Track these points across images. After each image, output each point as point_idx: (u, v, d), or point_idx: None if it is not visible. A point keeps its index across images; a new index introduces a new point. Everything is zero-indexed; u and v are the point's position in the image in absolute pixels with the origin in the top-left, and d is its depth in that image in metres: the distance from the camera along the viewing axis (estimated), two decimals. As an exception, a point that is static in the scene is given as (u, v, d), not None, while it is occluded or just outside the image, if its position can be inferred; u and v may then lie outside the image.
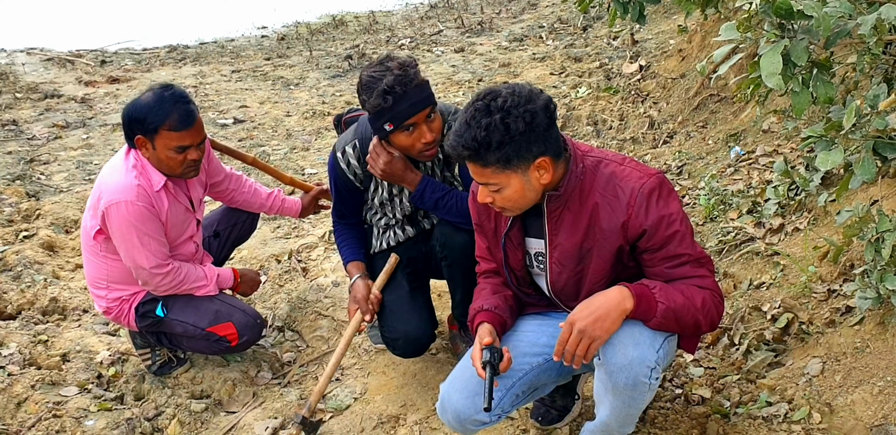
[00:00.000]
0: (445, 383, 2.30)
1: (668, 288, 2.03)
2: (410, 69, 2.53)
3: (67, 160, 5.90)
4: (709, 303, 2.05)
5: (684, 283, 2.06)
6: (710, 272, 2.11)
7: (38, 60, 9.18)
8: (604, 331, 1.98)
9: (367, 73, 2.57)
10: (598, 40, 7.63)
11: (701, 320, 2.04)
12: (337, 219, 3.08)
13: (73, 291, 3.90)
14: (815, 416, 2.38)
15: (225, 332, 3.01)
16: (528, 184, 2.03)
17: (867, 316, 2.54)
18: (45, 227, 4.58)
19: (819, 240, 2.95)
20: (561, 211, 2.12)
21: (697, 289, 2.05)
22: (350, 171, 2.85)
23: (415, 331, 2.86)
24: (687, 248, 2.06)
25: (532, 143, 1.97)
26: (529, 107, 1.94)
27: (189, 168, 2.86)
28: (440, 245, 2.84)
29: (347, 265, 3.00)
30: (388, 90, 2.48)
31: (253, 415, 2.98)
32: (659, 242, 2.05)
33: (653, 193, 2.04)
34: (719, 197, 3.74)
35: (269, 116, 6.81)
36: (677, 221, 2.05)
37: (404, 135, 2.58)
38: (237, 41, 10.18)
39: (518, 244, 2.26)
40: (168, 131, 2.75)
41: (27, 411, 2.94)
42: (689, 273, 2.07)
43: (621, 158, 2.13)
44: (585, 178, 2.09)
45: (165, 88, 2.82)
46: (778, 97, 4.00)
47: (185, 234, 3.05)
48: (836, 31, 2.27)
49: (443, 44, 8.81)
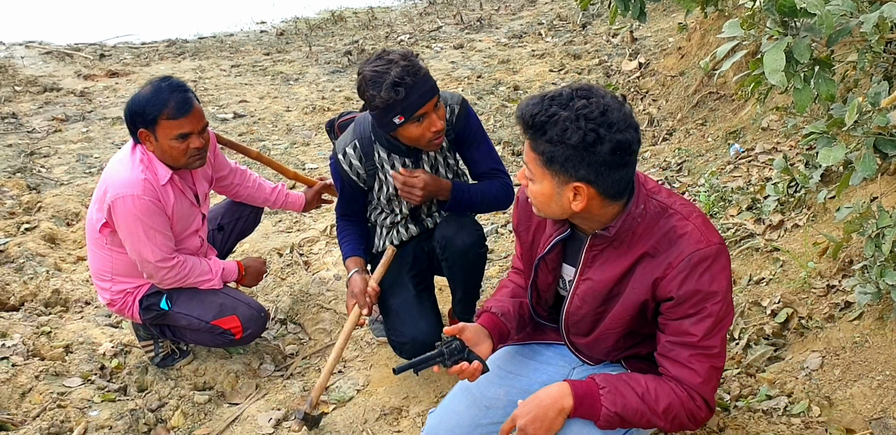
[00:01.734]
0: (434, 416, 2.22)
1: (622, 389, 1.86)
2: (414, 59, 2.54)
3: (67, 153, 5.92)
4: (675, 410, 1.86)
5: (664, 379, 1.90)
6: (708, 371, 1.87)
7: (37, 54, 9.18)
8: (543, 430, 1.87)
9: (369, 68, 2.55)
10: (597, 37, 7.66)
11: (660, 425, 1.88)
12: (340, 215, 3.10)
13: (76, 283, 3.92)
14: (814, 409, 2.41)
15: (229, 325, 3.03)
16: (558, 197, 1.83)
17: (866, 311, 2.57)
18: (46, 219, 4.59)
19: (818, 236, 2.98)
20: (605, 247, 1.94)
21: (670, 391, 1.86)
22: (353, 171, 2.86)
23: (422, 335, 2.85)
24: (704, 332, 1.84)
25: (580, 164, 1.75)
26: (603, 131, 1.71)
27: (193, 157, 2.87)
28: (441, 248, 2.86)
29: (346, 260, 3.02)
30: (398, 82, 2.47)
31: (256, 406, 3.00)
32: (680, 314, 1.86)
33: (702, 263, 1.82)
34: (719, 194, 3.76)
35: (269, 111, 6.82)
36: (714, 302, 1.83)
37: (414, 126, 2.59)
38: (236, 36, 10.18)
39: (552, 269, 2.11)
40: (167, 120, 2.76)
41: (31, 402, 2.96)
42: (684, 360, 1.87)
43: (689, 211, 1.89)
44: (643, 222, 1.88)
45: (163, 80, 2.84)
46: (778, 95, 4.03)
47: (191, 227, 3.07)
48: (838, 29, 2.30)
49: (442, 40, 8.83)
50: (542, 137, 1.76)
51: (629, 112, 1.77)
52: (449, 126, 2.79)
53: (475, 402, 2.16)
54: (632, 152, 1.77)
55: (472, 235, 2.84)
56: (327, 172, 5.21)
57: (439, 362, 2.03)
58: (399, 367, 2.02)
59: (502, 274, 3.73)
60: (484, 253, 2.93)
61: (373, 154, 2.83)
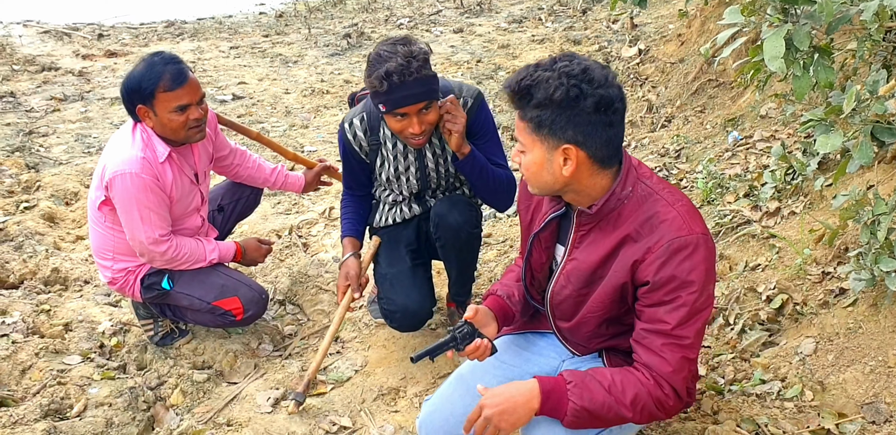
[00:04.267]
0: (429, 404, 2.26)
1: (589, 383, 1.87)
2: (415, 61, 2.51)
3: (66, 133, 5.91)
4: (643, 400, 1.85)
5: (631, 368, 1.91)
6: (679, 362, 1.86)
7: (35, 33, 9.15)
8: (509, 425, 1.88)
9: (379, 48, 2.57)
10: (597, 23, 7.65)
11: (629, 417, 1.86)
12: (346, 189, 3.12)
13: (75, 262, 3.93)
14: (807, 393, 2.44)
15: (230, 306, 3.05)
16: (549, 164, 1.84)
17: (860, 298, 2.59)
18: (45, 198, 4.60)
19: (815, 223, 3.01)
20: (591, 228, 1.96)
21: (636, 381, 1.86)
22: (356, 142, 2.88)
23: (413, 305, 2.91)
24: (677, 321, 1.84)
25: (567, 125, 1.77)
26: (585, 86, 1.74)
27: (193, 129, 2.87)
28: (434, 226, 2.88)
29: (343, 239, 3.05)
30: (385, 76, 2.49)
31: (255, 385, 3.03)
32: (655, 301, 1.87)
33: (681, 251, 1.81)
34: (717, 181, 3.78)
35: (268, 93, 6.82)
36: (690, 291, 1.83)
37: (394, 120, 2.63)
38: (235, 17, 10.15)
39: (546, 247, 2.12)
40: (164, 93, 2.77)
41: (32, 378, 2.98)
42: (656, 348, 1.87)
43: (675, 199, 1.89)
44: (628, 204, 1.88)
45: (154, 55, 2.85)
46: (777, 82, 4.04)
47: (191, 206, 3.08)
48: (838, 17, 2.31)
49: (441, 24, 8.81)
50: (529, 103, 1.79)
51: (611, 74, 1.80)
52: None
53: (469, 391, 2.19)
54: (615, 110, 1.79)
55: (464, 213, 2.86)
56: (326, 154, 5.23)
57: (453, 347, 2.07)
58: (416, 354, 2.04)
59: (500, 258, 3.76)
60: (477, 233, 2.95)
61: (379, 129, 2.86)
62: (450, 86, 2.82)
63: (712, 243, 1.88)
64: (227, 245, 3.21)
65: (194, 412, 2.91)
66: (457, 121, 2.66)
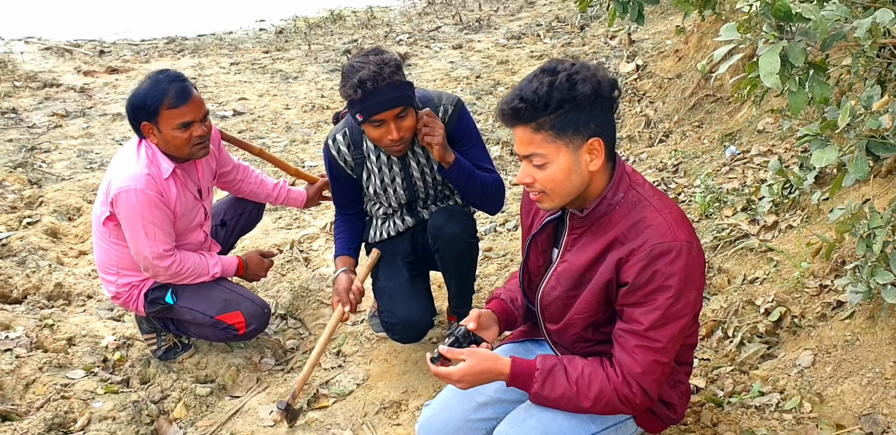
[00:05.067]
0: (428, 408, 2.29)
1: (557, 374, 1.94)
2: (387, 68, 2.57)
3: (68, 149, 5.95)
4: (607, 397, 1.91)
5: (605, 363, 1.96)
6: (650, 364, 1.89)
7: (37, 49, 9.21)
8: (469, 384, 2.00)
9: (352, 60, 2.65)
10: (595, 39, 7.72)
11: (587, 407, 1.93)
12: (337, 208, 3.16)
13: (78, 277, 3.96)
14: (805, 405, 2.47)
15: (233, 320, 3.07)
16: (577, 165, 1.87)
17: (857, 310, 2.62)
18: (48, 214, 4.63)
19: (812, 237, 3.04)
20: (583, 231, 2.00)
21: (605, 377, 1.92)
22: (341, 157, 2.93)
23: (413, 316, 2.93)
24: (651, 323, 1.87)
25: (594, 114, 1.83)
26: (595, 74, 1.82)
27: (197, 145, 2.90)
28: (432, 237, 2.91)
29: (336, 259, 3.07)
30: (359, 84, 2.54)
31: (257, 399, 3.05)
32: (632, 301, 1.90)
33: (663, 256, 1.84)
34: (714, 195, 3.82)
35: (269, 109, 6.87)
36: (666, 296, 1.85)
37: (372, 127, 2.67)
38: (235, 34, 10.22)
39: (542, 250, 2.15)
40: (168, 110, 2.80)
41: (35, 392, 3.00)
42: (629, 348, 1.90)
43: (664, 206, 1.92)
44: (619, 210, 1.93)
45: (159, 72, 2.88)
46: (774, 98, 4.09)
47: (194, 221, 3.11)
48: (832, 34, 2.35)
49: (441, 40, 8.88)
50: (545, 109, 1.81)
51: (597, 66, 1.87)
52: None
53: (468, 397, 2.22)
54: (619, 92, 1.87)
55: (461, 224, 2.90)
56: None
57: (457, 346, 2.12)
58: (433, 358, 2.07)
59: (501, 272, 3.78)
60: (475, 243, 2.98)
61: (361, 143, 2.90)
62: (428, 95, 2.87)
63: (698, 252, 1.90)
64: (230, 260, 3.23)
65: (197, 426, 2.93)
66: (435, 133, 2.70)
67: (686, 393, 2.19)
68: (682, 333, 1.92)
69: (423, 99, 2.80)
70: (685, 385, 2.19)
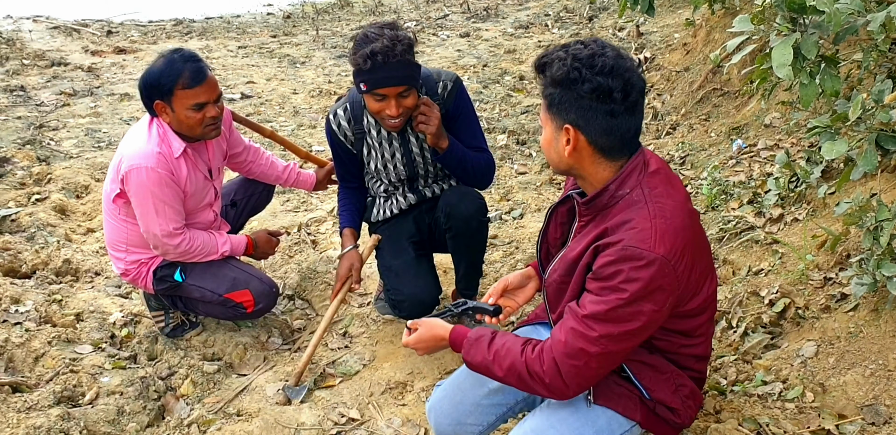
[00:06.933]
0: (441, 389, 2.33)
1: (481, 343, 2.00)
2: (400, 45, 2.60)
3: (76, 127, 5.96)
4: (518, 370, 1.91)
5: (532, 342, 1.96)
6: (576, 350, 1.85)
7: (45, 28, 9.20)
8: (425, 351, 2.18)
9: (367, 29, 2.68)
10: (603, 31, 7.72)
11: (501, 377, 1.97)
12: (340, 181, 3.22)
13: (86, 254, 3.99)
14: (808, 395, 2.50)
15: (242, 298, 3.10)
16: (556, 142, 1.90)
17: (861, 303, 2.65)
18: (56, 191, 4.65)
19: (817, 230, 3.06)
20: (589, 220, 1.98)
21: (519, 353, 1.93)
22: (341, 132, 2.97)
23: (420, 293, 2.97)
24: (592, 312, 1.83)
25: (571, 107, 1.82)
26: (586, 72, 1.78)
27: (209, 126, 2.92)
28: (445, 215, 2.94)
29: (343, 231, 3.13)
30: (369, 55, 2.57)
31: (264, 377, 3.08)
32: (590, 287, 1.87)
33: (630, 260, 1.79)
34: (721, 187, 3.84)
35: (276, 93, 6.87)
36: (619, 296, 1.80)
37: (373, 100, 2.71)
38: (243, 17, 10.22)
39: (561, 223, 2.15)
40: (183, 90, 2.81)
41: (45, 366, 3.03)
42: (564, 327, 1.88)
43: (659, 214, 1.84)
44: (620, 205, 1.89)
45: (174, 51, 2.89)
46: (782, 92, 4.10)
47: (204, 201, 3.13)
48: (845, 27, 2.37)
49: (448, 28, 8.88)
50: (545, 79, 1.86)
51: (626, 65, 1.81)
52: (440, 101, 2.90)
53: (480, 381, 2.24)
54: (613, 100, 1.79)
55: (474, 202, 2.95)
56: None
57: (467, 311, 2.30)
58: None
59: (506, 259, 3.81)
60: (486, 222, 3.02)
61: (362, 118, 2.94)
62: (428, 72, 2.91)
63: (671, 271, 1.81)
64: (239, 238, 3.26)
65: (204, 402, 2.96)
66: (430, 122, 2.77)
67: (691, 397, 2.11)
68: (625, 337, 1.84)
69: (423, 75, 2.84)
70: (688, 388, 2.11)
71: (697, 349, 2.10)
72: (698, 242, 1.93)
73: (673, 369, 2.07)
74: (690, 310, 1.95)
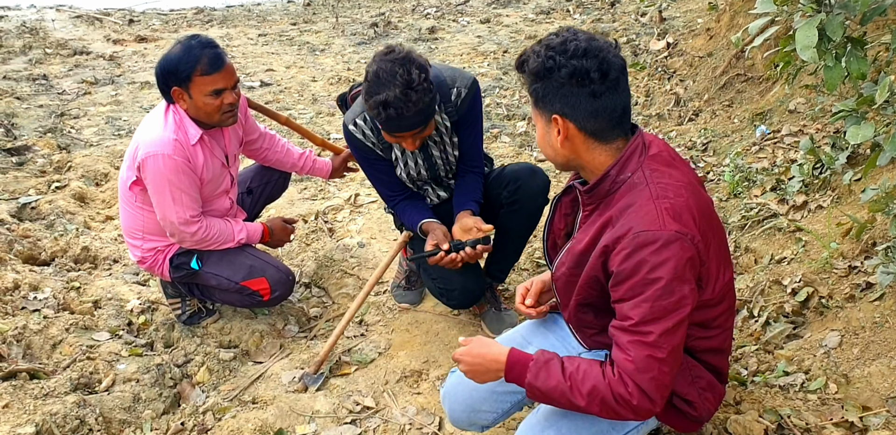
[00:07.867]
0: (456, 375, 2.26)
1: (552, 366, 1.85)
2: (414, 93, 2.49)
3: (97, 115, 5.99)
4: (601, 394, 1.77)
5: (606, 363, 1.82)
6: (644, 361, 1.75)
7: (67, 17, 9.24)
8: (479, 381, 1.99)
9: (379, 63, 2.54)
10: (625, 16, 7.63)
11: (582, 405, 1.81)
12: (389, 199, 3.07)
13: (104, 242, 3.99)
14: (831, 386, 2.44)
15: (258, 286, 3.09)
16: (548, 135, 1.88)
17: (887, 292, 2.59)
18: (76, 178, 4.67)
19: (842, 217, 3.00)
20: (593, 209, 1.94)
21: (600, 373, 1.79)
22: (368, 140, 2.88)
23: (470, 283, 2.98)
24: (640, 317, 1.75)
25: (554, 97, 1.80)
26: (560, 58, 1.76)
27: (227, 113, 2.90)
28: (515, 188, 2.93)
29: (420, 228, 2.96)
30: (383, 107, 2.50)
31: (280, 365, 3.07)
32: (621, 295, 1.79)
33: (647, 246, 1.73)
34: (743, 174, 3.78)
35: (296, 81, 6.86)
36: (655, 288, 1.73)
37: (390, 135, 2.70)
38: (263, 5, 10.21)
39: (565, 214, 2.12)
40: (201, 76, 2.79)
41: (62, 353, 3.04)
42: (623, 344, 1.78)
43: (663, 193, 1.79)
44: (622, 189, 1.85)
45: (192, 38, 2.86)
46: (807, 76, 4.02)
47: (220, 188, 3.11)
48: (873, 8, 2.30)
49: (469, 14, 8.81)
50: (526, 77, 1.85)
51: (599, 45, 1.78)
52: (452, 108, 2.84)
53: None
54: (592, 80, 1.75)
55: (544, 180, 2.96)
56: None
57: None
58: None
59: (524, 246, 3.77)
60: (547, 202, 2.97)
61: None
62: (441, 76, 2.79)
63: (690, 244, 1.75)
64: (255, 226, 3.24)
65: (220, 390, 2.96)
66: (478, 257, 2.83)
67: (709, 389, 2.04)
68: (680, 327, 1.78)
69: (436, 80, 2.70)
70: (705, 380, 2.03)
71: (713, 341, 2.02)
72: (709, 221, 1.86)
73: (688, 359, 2.01)
74: (708, 299, 1.90)
